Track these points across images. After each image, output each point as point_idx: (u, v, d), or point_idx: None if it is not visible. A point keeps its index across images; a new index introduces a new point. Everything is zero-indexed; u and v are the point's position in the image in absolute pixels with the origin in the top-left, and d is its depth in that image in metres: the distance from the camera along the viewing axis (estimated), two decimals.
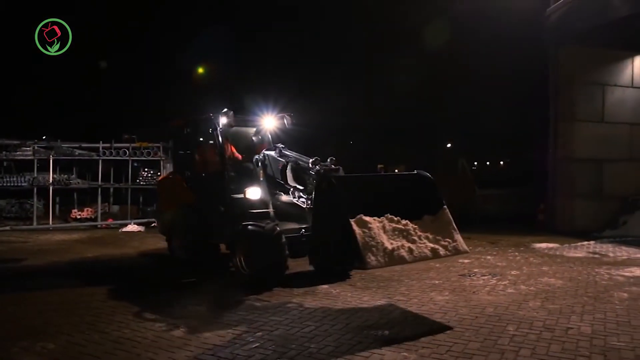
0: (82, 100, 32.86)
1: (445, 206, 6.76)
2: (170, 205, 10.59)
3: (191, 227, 9.74)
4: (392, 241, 5.98)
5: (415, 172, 7.39)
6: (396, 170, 43.03)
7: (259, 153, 9.59)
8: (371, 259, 5.68)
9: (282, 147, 9.26)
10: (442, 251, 6.34)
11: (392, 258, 5.87)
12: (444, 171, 22.34)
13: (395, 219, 6.25)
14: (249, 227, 8.17)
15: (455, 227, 6.61)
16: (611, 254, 11.53)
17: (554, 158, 16.31)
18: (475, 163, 52.56)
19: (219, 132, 9.43)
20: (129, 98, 32.89)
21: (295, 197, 8.64)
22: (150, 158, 17.97)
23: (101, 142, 17.89)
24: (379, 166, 24.90)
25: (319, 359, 5.23)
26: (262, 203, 8.89)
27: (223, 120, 9.23)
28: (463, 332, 5.98)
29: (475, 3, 20.92)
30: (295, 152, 9.22)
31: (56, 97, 31.74)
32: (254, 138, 10.34)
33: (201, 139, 10.21)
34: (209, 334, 6.00)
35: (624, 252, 11.82)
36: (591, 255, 11.48)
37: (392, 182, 7.67)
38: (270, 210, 8.79)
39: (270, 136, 10.53)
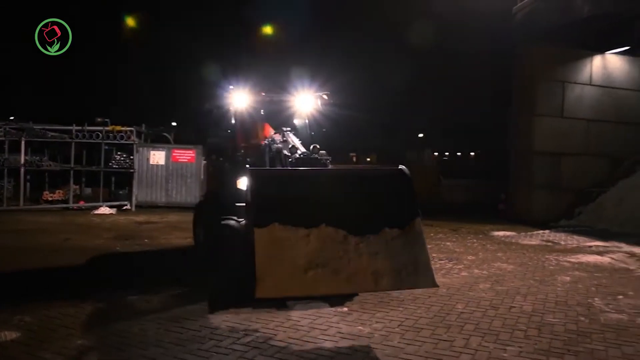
0: (51, 83, 32.58)
1: (419, 218, 5.08)
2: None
3: (207, 217, 8.77)
4: (313, 262, 4.58)
5: (399, 167, 5.63)
6: (368, 159, 43.78)
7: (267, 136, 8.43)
8: (266, 286, 4.36)
9: (289, 131, 8.05)
10: (390, 281, 4.76)
11: (305, 285, 4.56)
12: (410, 160, 22.95)
13: (336, 231, 4.78)
14: (227, 222, 7.05)
15: (427, 250, 5.02)
16: (562, 242, 12.24)
17: (515, 150, 17.05)
18: (447, 154, 53.61)
19: (235, 110, 8.47)
20: (98, 81, 32.67)
21: None
22: (123, 142, 18.14)
23: (74, 124, 17.99)
24: (351, 154, 25.41)
25: None
26: None
27: (241, 98, 8.32)
28: (415, 309, 6.51)
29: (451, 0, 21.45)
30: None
31: (24, 79, 31.45)
32: (295, 121, 9.08)
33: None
34: None
35: (574, 240, 12.54)
36: (544, 243, 12.18)
37: (347, 180, 5.55)
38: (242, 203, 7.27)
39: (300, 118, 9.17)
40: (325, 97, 8.63)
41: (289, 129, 8.05)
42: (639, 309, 6.81)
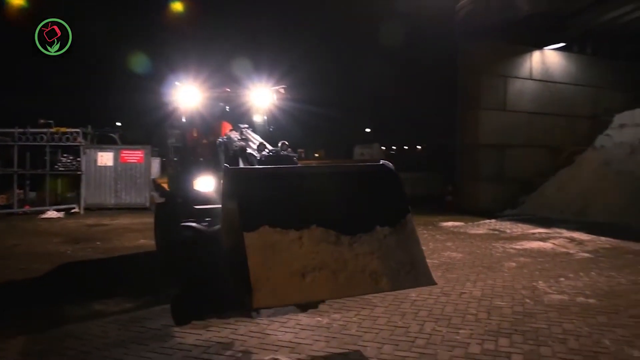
0: None
1: (409, 214, 4.85)
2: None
3: (161, 221, 8.42)
4: (309, 265, 4.29)
5: (381, 162, 5.28)
6: (316, 155, 44.00)
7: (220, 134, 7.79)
8: (262, 295, 3.98)
9: (246, 128, 7.40)
10: (389, 281, 4.47)
11: (304, 291, 4.23)
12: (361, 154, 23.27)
13: (327, 231, 4.47)
14: (187, 228, 6.36)
15: (421, 247, 4.79)
16: (508, 231, 12.78)
17: (461, 144, 17.61)
18: (394, 147, 54.49)
19: (185, 108, 7.91)
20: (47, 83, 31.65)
21: None
22: (69, 144, 17.71)
23: (16, 127, 17.45)
24: (299, 150, 25.55)
25: None
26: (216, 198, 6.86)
27: (189, 94, 7.77)
28: (370, 299, 6.73)
29: None
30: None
31: None
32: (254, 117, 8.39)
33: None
34: None
35: (519, 228, 13.11)
36: (491, 231, 12.68)
37: (332, 177, 5.21)
38: (211, 206, 6.72)
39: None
40: (282, 90, 8.16)
41: (246, 125, 7.64)
42: (578, 290, 7.26)
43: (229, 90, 8.27)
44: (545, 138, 17.60)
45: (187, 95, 7.76)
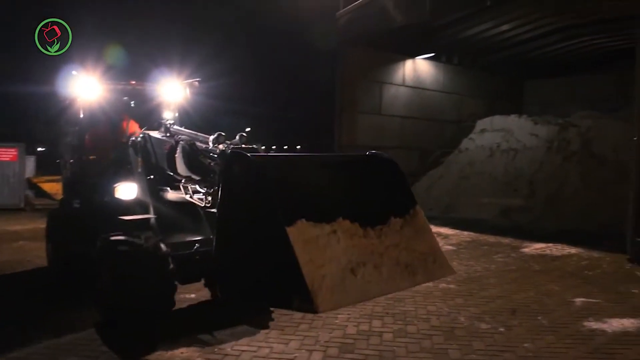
0: None
1: (417, 204, 4.67)
2: None
3: (59, 232, 7.53)
4: (353, 261, 3.91)
5: (368, 153, 5.06)
6: None
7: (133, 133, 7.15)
8: (324, 297, 3.56)
9: (170, 123, 6.79)
10: (424, 273, 4.35)
11: (359, 288, 3.88)
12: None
13: (352, 224, 4.08)
14: (118, 241, 5.61)
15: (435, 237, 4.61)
16: None
17: (339, 145, 18.54)
18: (274, 147, 55.16)
19: (82, 100, 7.17)
20: None
21: (189, 193, 5.85)
22: None
23: None
24: (258, 144, 25.27)
25: None
26: (139, 206, 6.37)
27: (89, 87, 7.00)
28: None
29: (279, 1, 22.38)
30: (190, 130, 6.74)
31: None
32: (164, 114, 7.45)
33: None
34: None
35: None
36: None
37: (344, 166, 4.84)
38: (151, 216, 6.20)
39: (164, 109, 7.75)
40: (196, 84, 7.55)
41: (172, 121, 6.98)
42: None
43: (134, 83, 7.59)
44: (416, 141, 19.02)
45: (86, 87, 6.97)
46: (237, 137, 5.50)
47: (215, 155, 5.25)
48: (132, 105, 7.64)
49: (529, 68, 20.83)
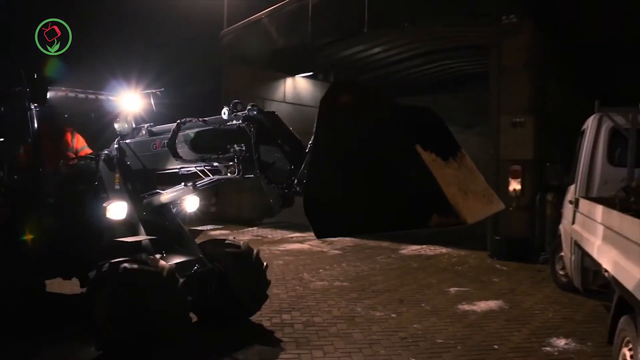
0: None
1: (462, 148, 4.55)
2: None
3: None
4: (457, 184, 3.94)
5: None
6: None
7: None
8: (466, 210, 3.60)
9: (150, 125, 6.32)
10: (495, 203, 4.40)
11: (482, 205, 4.08)
12: None
13: (438, 156, 4.04)
14: (125, 265, 5.15)
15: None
16: (270, 236, 14.52)
17: None
18: None
19: (33, 113, 6.34)
20: None
21: (207, 173, 5.78)
22: None
23: None
24: None
25: None
26: (129, 225, 5.99)
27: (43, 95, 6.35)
28: None
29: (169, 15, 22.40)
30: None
31: None
32: (116, 126, 6.49)
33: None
34: None
35: (279, 234, 14.94)
36: (255, 237, 14.25)
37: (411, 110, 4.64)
38: (143, 237, 5.83)
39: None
40: (158, 94, 6.97)
41: (151, 123, 6.48)
42: (335, 277, 9.10)
43: (88, 92, 7.07)
44: None
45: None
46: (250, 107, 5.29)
47: (238, 122, 5.14)
48: (66, 116, 7.18)
49: (398, 87, 22.75)
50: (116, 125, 6.37)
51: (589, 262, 6.15)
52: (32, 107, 6.27)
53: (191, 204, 6.48)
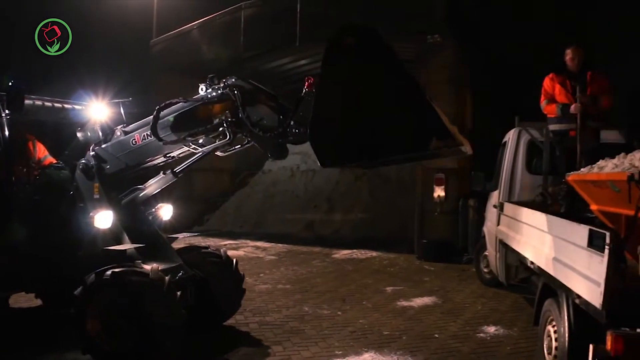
0: None
1: None
2: None
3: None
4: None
5: None
6: None
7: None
8: (456, 136, 4.15)
9: (124, 126, 6.31)
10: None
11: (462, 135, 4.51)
12: None
13: None
14: (122, 274, 5.16)
15: None
16: (203, 244, 14.64)
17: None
18: None
19: (4, 121, 6.18)
20: None
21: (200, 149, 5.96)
22: None
23: None
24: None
25: None
26: (113, 234, 5.92)
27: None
28: None
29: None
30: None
31: None
32: (79, 135, 6.51)
33: None
34: None
35: (210, 241, 15.04)
36: (184, 245, 14.30)
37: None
38: (128, 245, 5.83)
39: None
40: (128, 103, 7.07)
41: (125, 124, 6.47)
42: (276, 280, 9.52)
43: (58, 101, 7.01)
44: (226, 163, 20.16)
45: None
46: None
47: (220, 92, 5.52)
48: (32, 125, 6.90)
49: None
50: (79, 134, 6.40)
51: (512, 259, 7.02)
52: (2, 114, 6.12)
53: (166, 211, 6.73)
